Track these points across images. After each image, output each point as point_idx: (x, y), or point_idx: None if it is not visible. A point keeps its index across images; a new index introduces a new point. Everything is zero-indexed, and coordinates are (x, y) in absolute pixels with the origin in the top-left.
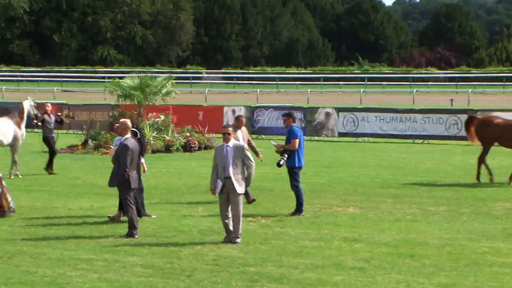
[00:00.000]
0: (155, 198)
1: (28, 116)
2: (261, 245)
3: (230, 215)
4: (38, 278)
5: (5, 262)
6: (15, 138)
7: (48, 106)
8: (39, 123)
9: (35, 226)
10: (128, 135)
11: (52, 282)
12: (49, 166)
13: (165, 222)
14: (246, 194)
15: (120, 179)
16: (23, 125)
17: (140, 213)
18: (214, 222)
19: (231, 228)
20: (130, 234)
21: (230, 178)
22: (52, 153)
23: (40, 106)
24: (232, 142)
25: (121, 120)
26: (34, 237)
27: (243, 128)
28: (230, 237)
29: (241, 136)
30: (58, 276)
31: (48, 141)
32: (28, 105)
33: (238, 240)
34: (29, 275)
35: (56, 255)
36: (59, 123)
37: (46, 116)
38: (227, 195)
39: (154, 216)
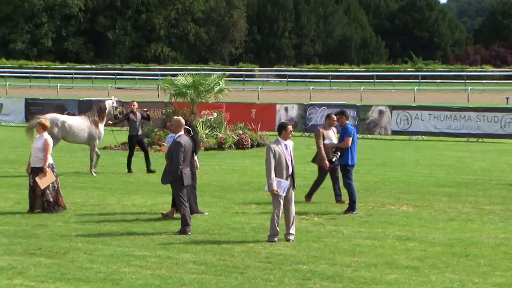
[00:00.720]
0: (208, 196)
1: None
2: (314, 243)
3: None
4: (93, 274)
5: (60, 257)
6: (91, 137)
7: (134, 105)
8: (118, 121)
9: (90, 223)
10: (181, 132)
11: (106, 278)
12: (148, 166)
13: (218, 220)
14: None
15: (173, 176)
16: (101, 125)
17: (193, 210)
18: (267, 219)
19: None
20: (183, 231)
21: (291, 176)
22: (145, 151)
23: (121, 104)
24: (288, 140)
25: (174, 117)
26: (89, 233)
27: (334, 128)
28: (285, 235)
29: (333, 136)
30: (112, 272)
31: (133, 140)
32: (110, 105)
33: (293, 237)
34: (84, 271)
35: (110, 251)
36: (147, 119)
37: (131, 115)
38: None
39: (207, 214)
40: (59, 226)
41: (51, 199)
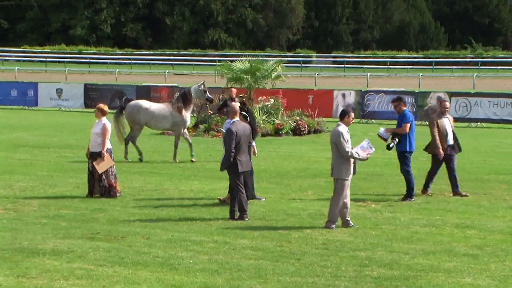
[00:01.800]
0: (265, 182)
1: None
2: (371, 230)
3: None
4: (151, 259)
5: (119, 242)
6: (174, 124)
7: (231, 91)
8: (217, 111)
9: (147, 207)
10: (236, 118)
11: (164, 263)
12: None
13: (275, 206)
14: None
15: (227, 163)
16: (186, 112)
17: (250, 196)
18: (324, 206)
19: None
20: (240, 217)
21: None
22: None
23: (214, 91)
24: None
25: (231, 103)
26: (146, 218)
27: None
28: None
29: (449, 125)
30: (170, 256)
31: None
32: (196, 89)
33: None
34: (142, 255)
35: (168, 236)
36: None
37: (230, 102)
38: None
39: (264, 200)
40: (118, 210)
41: (107, 184)
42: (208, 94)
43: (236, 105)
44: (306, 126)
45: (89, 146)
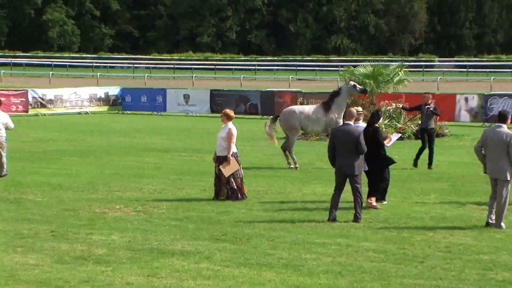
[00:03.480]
0: None
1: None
2: (496, 234)
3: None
4: (275, 260)
5: (244, 243)
6: (328, 126)
7: (426, 96)
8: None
9: (271, 210)
10: (349, 121)
11: (288, 264)
12: (430, 163)
13: (397, 209)
14: None
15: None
16: (331, 113)
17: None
18: (447, 209)
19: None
20: (356, 219)
21: None
22: (430, 147)
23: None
24: None
25: (349, 108)
26: (271, 220)
27: None
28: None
29: None
30: (294, 258)
31: (422, 133)
32: (344, 89)
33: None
34: (267, 257)
35: (292, 238)
36: (435, 113)
37: (424, 106)
38: None
39: (385, 203)
40: (243, 213)
41: (235, 187)
42: (359, 86)
43: (352, 109)
44: None
45: (216, 150)
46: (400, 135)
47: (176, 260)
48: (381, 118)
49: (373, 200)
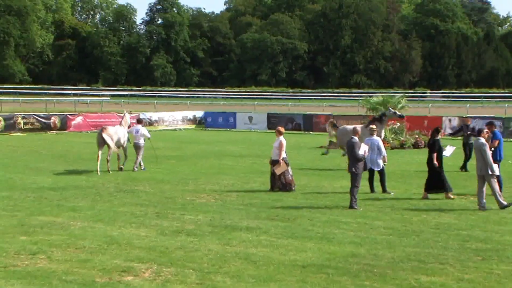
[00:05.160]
0: (393, 181)
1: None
2: (471, 215)
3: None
4: (313, 234)
5: (291, 222)
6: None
7: (467, 120)
8: (453, 132)
9: (311, 199)
10: (352, 137)
11: (323, 237)
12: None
13: (400, 197)
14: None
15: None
16: (379, 132)
17: (384, 190)
18: (437, 198)
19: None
20: (351, 206)
21: None
22: (467, 156)
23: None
24: None
25: (353, 127)
26: (311, 205)
27: None
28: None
29: None
30: (327, 233)
31: (464, 148)
32: (389, 114)
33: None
34: (307, 232)
35: (325, 218)
36: (472, 133)
37: (464, 127)
38: None
39: (392, 193)
40: (291, 200)
41: (285, 182)
42: (398, 112)
43: (356, 126)
44: (423, 141)
45: (271, 156)
46: (454, 147)
47: (243, 233)
48: (439, 133)
49: (449, 195)
